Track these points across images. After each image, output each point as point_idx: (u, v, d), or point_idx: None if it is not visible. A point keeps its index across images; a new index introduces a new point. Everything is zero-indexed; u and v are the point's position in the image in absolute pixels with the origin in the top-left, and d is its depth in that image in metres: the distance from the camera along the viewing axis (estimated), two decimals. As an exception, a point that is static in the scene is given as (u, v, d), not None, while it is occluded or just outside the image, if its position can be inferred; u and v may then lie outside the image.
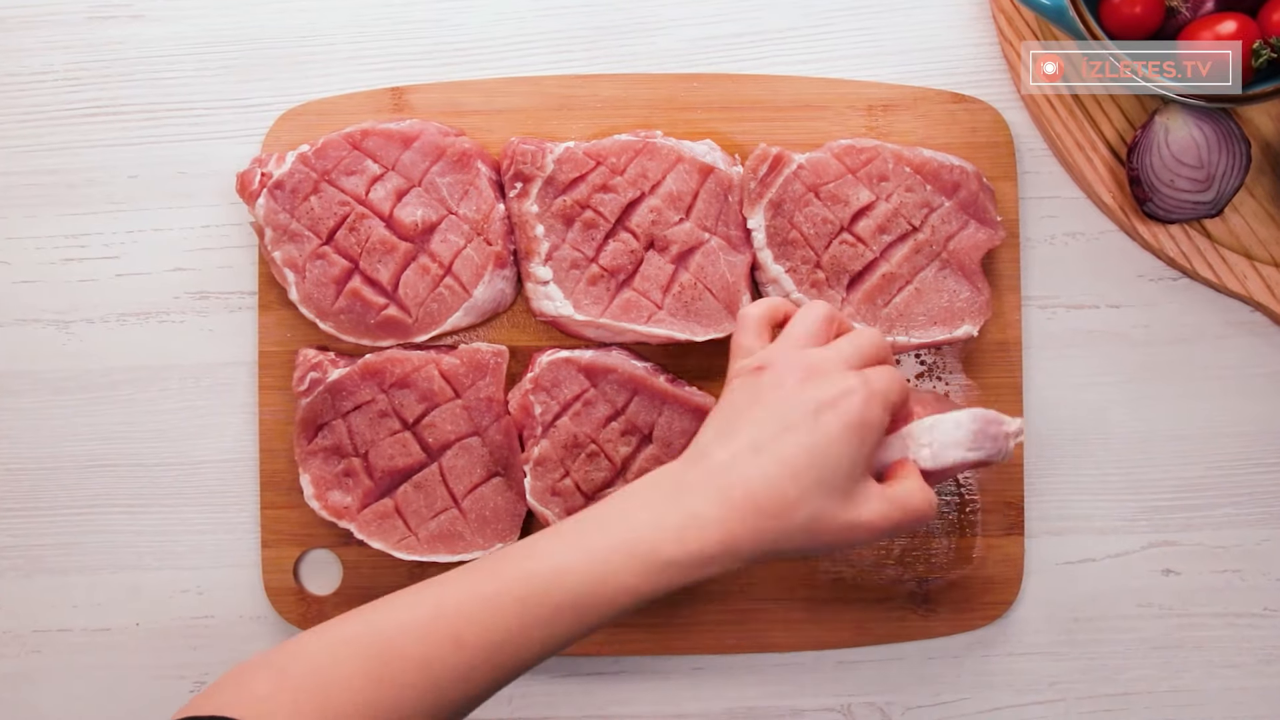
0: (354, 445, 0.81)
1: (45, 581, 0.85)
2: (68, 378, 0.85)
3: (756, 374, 0.65)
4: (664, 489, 0.62)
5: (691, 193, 0.80)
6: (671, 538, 0.60)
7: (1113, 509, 0.84)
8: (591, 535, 0.61)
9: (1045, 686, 0.84)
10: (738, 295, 0.81)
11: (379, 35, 0.85)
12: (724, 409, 0.65)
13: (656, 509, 0.61)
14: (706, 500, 0.61)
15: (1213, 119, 0.79)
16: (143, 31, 0.85)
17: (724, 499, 0.60)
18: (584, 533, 0.61)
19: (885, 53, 0.84)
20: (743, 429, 0.63)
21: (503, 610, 0.59)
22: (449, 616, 0.59)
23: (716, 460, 0.62)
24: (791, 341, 0.66)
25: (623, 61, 0.84)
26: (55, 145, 0.85)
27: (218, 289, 0.85)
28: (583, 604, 0.59)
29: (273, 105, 0.84)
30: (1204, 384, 0.84)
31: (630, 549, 0.60)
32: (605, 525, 0.61)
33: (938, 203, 0.80)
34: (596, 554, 0.60)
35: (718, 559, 0.60)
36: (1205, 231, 0.82)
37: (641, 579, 0.59)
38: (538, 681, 0.84)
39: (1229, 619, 0.84)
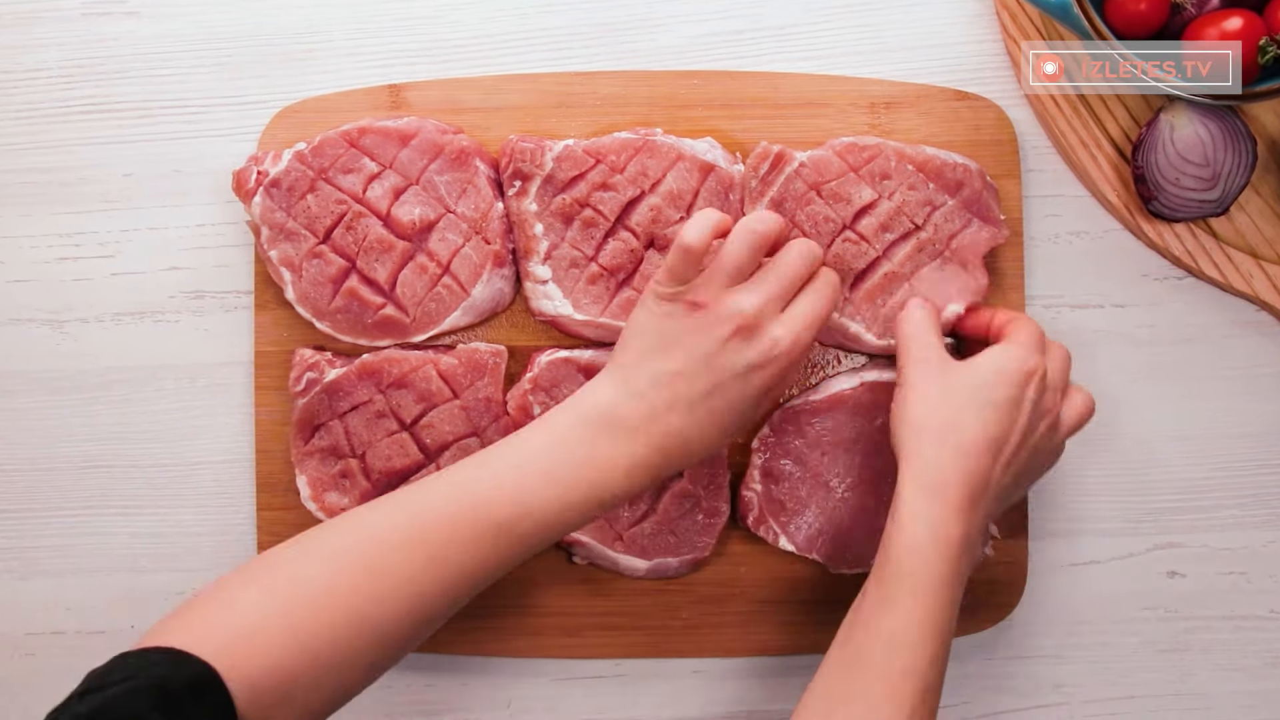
0: (351, 446, 0.80)
1: (40, 583, 0.85)
2: (62, 378, 0.84)
3: (690, 309, 0.69)
4: (614, 427, 0.68)
5: (692, 191, 0.79)
6: (622, 478, 0.68)
7: (1117, 511, 0.84)
8: (558, 470, 0.67)
9: (1050, 690, 0.84)
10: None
11: (376, 32, 0.84)
12: (649, 330, 0.70)
13: (609, 451, 0.68)
14: (649, 448, 0.68)
15: (1218, 116, 0.79)
16: (138, 28, 0.85)
17: (662, 449, 0.68)
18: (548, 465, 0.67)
19: (888, 49, 0.83)
20: (677, 377, 0.68)
21: (477, 534, 0.65)
22: (430, 534, 0.65)
23: (654, 408, 0.68)
24: (725, 277, 0.70)
25: (623, 59, 0.84)
26: (49, 143, 0.84)
27: (213, 288, 0.84)
28: (547, 531, 0.67)
29: (269, 103, 0.84)
30: (1209, 384, 0.83)
31: (588, 488, 0.67)
32: (567, 458, 0.68)
33: (941, 201, 0.79)
34: (560, 491, 0.67)
35: (649, 487, 0.70)
36: (1211, 230, 0.82)
37: (595, 510, 0.68)
38: (538, 684, 0.84)
39: (1235, 622, 0.84)
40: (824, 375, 0.82)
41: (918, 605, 0.66)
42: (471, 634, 0.82)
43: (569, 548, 0.82)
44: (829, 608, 0.81)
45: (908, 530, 0.67)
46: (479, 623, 0.82)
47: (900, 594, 0.66)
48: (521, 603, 0.82)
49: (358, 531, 0.65)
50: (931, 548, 0.67)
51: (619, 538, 0.80)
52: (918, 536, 0.67)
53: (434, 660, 0.84)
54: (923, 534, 0.67)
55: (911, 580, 0.66)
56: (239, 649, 0.59)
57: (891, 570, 0.67)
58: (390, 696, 0.84)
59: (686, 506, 0.80)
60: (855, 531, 0.80)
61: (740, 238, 0.70)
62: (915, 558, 0.66)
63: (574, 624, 0.82)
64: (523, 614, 0.82)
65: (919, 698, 0.65)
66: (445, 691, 0.84)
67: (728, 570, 0.82)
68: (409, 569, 0.64)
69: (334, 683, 0.62)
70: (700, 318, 0.69)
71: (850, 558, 0.80)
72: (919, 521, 0.67)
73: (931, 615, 0.66)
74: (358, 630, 0.62)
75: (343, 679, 0.62)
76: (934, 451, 0.68)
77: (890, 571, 0.67)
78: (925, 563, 0.66)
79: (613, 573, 0.82)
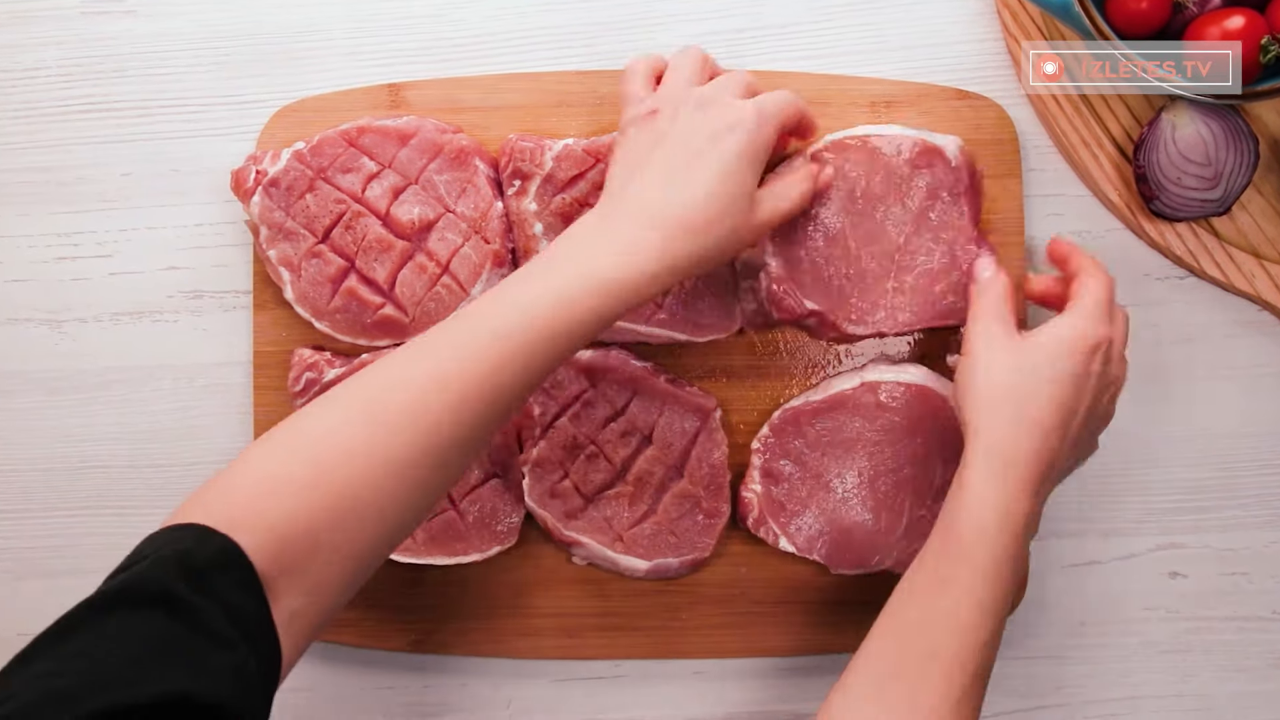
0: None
1: (37, 584, 0.84)
2: (60, 378, 0.84)
3: (651, 118, 0.71)
4: (596, 230, 0.68)
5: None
6: (619, 262, 0.66)
7: (1119, 511, 0.83)
8: (547, 274, 0.66)
9: (1051, 691, 0.83)
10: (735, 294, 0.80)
11: (376, 31, 0.84)
12: (626, 154, 0.71)
13: (597, 244, 0.67)
14: (640, 227, 0.67)
15: (1220, 116, 0.78)
16: (136, 27, 0.84)
17: (655, 225, 0.67)
18: (538, 274, 0.66)
19: (888, 48, 0.83)
20: (652, 166, 0.69)
21: (481, 347, 0.63)
22: (431, 360, 0.64)
23: (636, 195, 0.68)
24: (677, 84, 0.72)
25: (623, 57, 0.81)
26: (47, 142, 0.84)
27: (212, 288, 0.84)
28: (553, 332, 0.65)
29: (268, 102, 0.83)
30: (1211, 384, 0.83)
31: (585, 278, 0.65)
32: (554, 265, 0.67)
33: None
34: (556, 288, 0.65)
35: (659, 275, 0.67)
36: (1213, 230, 0.81)
37: (600, 300, 0.65)
38: (537, 685, 0.84)
39: (1237, 622, 0.83)
40: (824, 375, 0.82)
41: (978, 585, 0.65)
42: (470, 635, 0.82)
43: (569, 548, 0.81)
44: (830, 609, 0.82)
45: (974, 508, 0.66)
46: (477, 623, 0.82)
47: (961, 573, 0.65)
48: (520, 603, 0.82)
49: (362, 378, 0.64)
50: (997, 527, 0.65)
51: (619, 538, 0.80)
52: (985, 515, 0.65)
53: (432, 661, 0.83)
54: (990, 513, 0.65)
55: (974, 560, 0.65)
56: (253, 513, 0.58)
57: (954, 547, 0.65)
58: (389, 697, 0.84)
59: (687, 507, 0.80)
60: (856, 532, 0.79)
61: (683, 52, 0.74)
62: (980, 537, 0.65)
63: (573, 625, 0.82)
64: (522, 615, 0.82)
65: (970, 680, 0.64)
66: (444, 693, 0.84)
67: (728, 571, 0.82)
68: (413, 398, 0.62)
69: (355, 530, 0.60)
70: (663, 114, 0.71)
71: (851, 558, 0.80)
72: (987, 500, 0.66)
73: (992, 595, 0.65)
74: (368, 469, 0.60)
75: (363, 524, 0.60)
76: (1006, 428, 0.67)
77: (953, 548, 0.65)
78: (990, 542, 0.65)
79: (613, 573, 0.82)
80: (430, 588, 0.82)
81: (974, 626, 0.64)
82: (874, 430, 0.79)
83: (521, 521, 0.81)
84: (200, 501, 0.59)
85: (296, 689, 0.83)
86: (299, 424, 0.62)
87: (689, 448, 0.80)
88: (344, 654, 0.83)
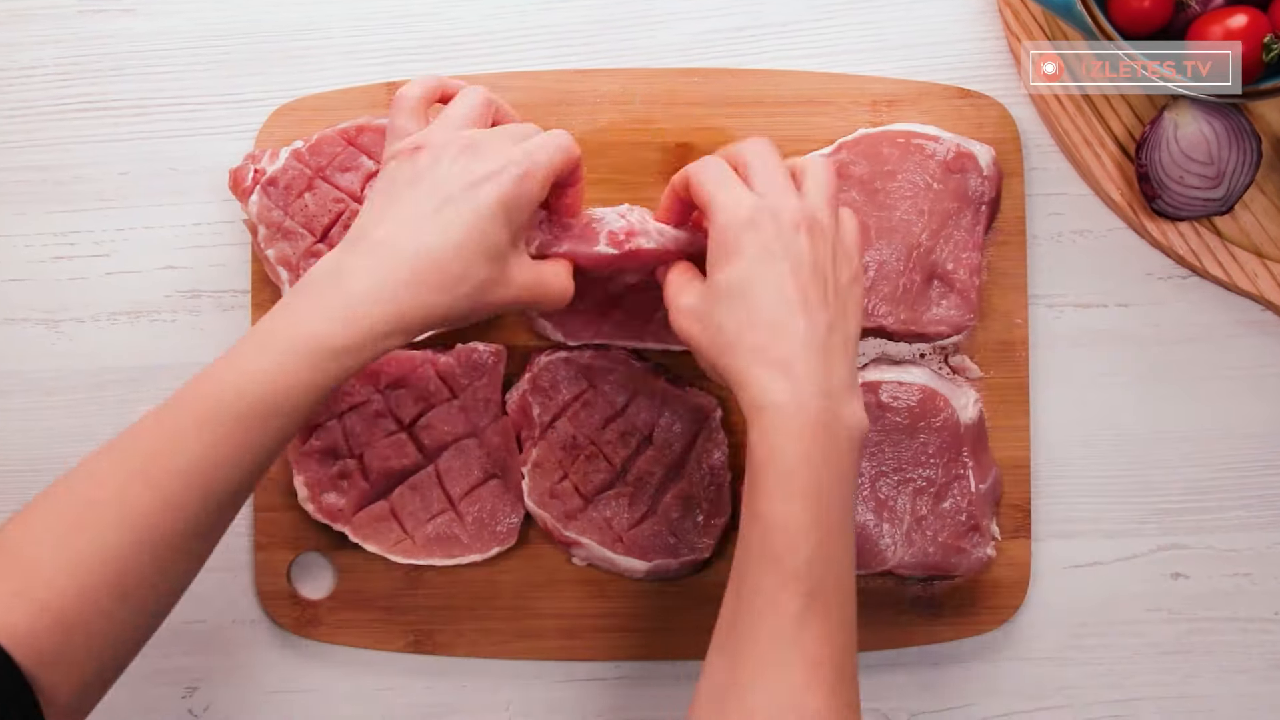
0: (349, 446, 0.80)
1: None
2: (57, 378, 0.84)
3: (414, 154, 0.65)
4: (327, 277, 0.62)
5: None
6: (339, 327, 0.60)
7: (1121, 512, 0.83)
8: (263, 341, 0.61)
9: (1053, 692, 0.83)
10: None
11: (374, 29, 0.84)
12: (380, 190, 0.66)
13: (321, 299, 0.61)
14: (370, 280, 0.61)
15: (1223, 114, 0.78)
16: (134, 25, 0.84)
17: (387, 277, 0.61)
18: (256, 341, 0.61)
19: (889, 47, 0.83)
20: (401, 207, 0.63)
21: (184, 436, 0.58)
22: (133, 456, 0.59)
23: (376, 238, 0.63)
24: (450, 123, 0.67)
25: (622, 56, 0.83)
26: (44, 141, 0.84)
27: (210, 288, 0.84)
28: (264, 410, 0.59)
29: (266, 100, 0.83)
30: (1214, 384, 0.83)
31: (302, 346, 0.60)
32: (275, 328, 0.61)
33: None
34: (270, 358, 0.60)
35: (389, 335, 0.61)
36: (1215, 229, 0.81)
37: (318, 373, 0.60)
38: (534, 687, 0.83)
39: (1240, 624, 0.83)
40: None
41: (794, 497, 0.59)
42: (469, 636, 0.81)
43: (568, 549, 0.81)
44: (830, 609, 0.81)
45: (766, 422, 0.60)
46: (476, 625, 0.81)
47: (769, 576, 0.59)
48: (519, 604, 0.82)
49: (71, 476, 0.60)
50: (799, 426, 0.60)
51: (619, 539, 0.80)
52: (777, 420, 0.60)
53: (431, 663, 0.83)
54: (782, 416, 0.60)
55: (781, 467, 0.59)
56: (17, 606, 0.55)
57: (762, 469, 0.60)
58: (388, 698, 0.83)
59: (687, 508, 0.80)
60: (857, 534, 0.79)
61: (470, 91, 0.69)
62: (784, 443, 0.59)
63: (574, 626, 0.82)
64: (521, 616, 0.81)
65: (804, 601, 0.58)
66: (443, 694, 0.83)
67: (729, 572, 0.81)
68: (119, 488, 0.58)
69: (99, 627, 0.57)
70: (426, 153, 0.65)
71: (852, 559, 0.79)
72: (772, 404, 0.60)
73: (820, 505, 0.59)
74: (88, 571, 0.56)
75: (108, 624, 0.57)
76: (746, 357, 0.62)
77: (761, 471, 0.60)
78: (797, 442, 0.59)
79: (612, 574, 0.81)
80: (429, 589, 0.82)
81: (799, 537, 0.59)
82: (875, 431, 0.79)
83: (521, 522, 0.81)
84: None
85: (294, 691, 0.83)
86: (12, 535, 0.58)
87: (689, 448, 0.80)
88: (342, 655, 0.83)
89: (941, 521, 0.78)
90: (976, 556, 0.78)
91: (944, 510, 0.78)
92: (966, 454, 0.78)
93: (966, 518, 0.78)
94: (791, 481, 0.60)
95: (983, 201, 0.79)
